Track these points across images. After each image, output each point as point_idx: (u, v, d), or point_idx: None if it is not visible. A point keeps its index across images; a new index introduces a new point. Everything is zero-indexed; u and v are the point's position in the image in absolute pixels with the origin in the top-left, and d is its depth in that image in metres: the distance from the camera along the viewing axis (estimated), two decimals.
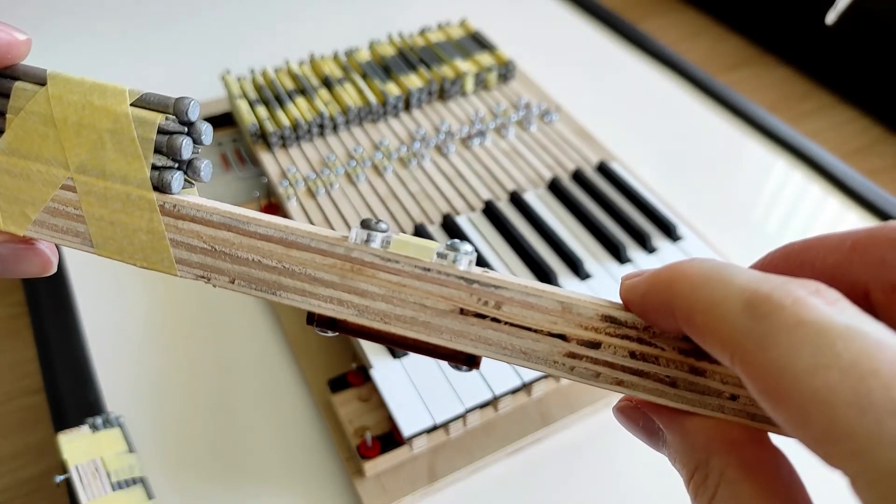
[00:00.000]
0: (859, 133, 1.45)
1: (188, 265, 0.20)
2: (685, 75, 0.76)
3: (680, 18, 1.78)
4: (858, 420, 0.12)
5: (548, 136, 0.59)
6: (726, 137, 0.69)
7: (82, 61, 0.73)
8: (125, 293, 0.53)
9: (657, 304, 0.16)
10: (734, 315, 0.14)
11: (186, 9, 0.84)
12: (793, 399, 0.12)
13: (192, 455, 0.43)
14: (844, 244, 0.16)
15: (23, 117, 0.19)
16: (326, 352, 0.47)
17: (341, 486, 0.42)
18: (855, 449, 0.12)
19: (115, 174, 0.19)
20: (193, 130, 0.20)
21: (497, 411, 0.43)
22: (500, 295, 0.18)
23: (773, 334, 0.13)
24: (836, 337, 0.12)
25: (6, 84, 0.20)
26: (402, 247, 0.19)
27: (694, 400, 0.18)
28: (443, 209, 0.52)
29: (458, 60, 0.62)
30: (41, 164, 0.20)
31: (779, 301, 0.13)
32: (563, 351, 0.18)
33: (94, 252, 0.20)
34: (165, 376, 0.48)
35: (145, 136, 0.19)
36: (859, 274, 0.15)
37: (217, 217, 0.19)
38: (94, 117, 0.19)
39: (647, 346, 0.18)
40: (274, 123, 0.56)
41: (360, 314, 0.19)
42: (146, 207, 0.20)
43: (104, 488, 0.39)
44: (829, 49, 1.53)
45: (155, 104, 0.19)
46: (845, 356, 0.12)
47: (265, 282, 0.19)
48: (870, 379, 0.12)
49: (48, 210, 0.20)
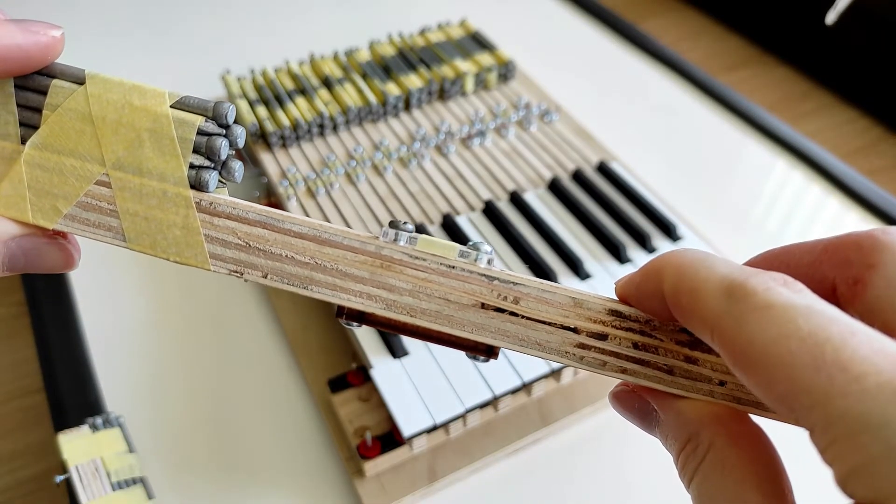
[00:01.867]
0: (859, 133, 1.45)
1: (222, 260, 0.21)
2: (685, 75, 0.76)
3: (680, 18, 1.78)
4: (813, 377, 0.14)
5: (548, 136, 0.59)
6: (726, 137, 0.69)
7: (83, 62, 0.73)
8: (125, 293, 0.53)
9: (650, 291, 0.19)
10: (715, 298, 0.16)
11: (187, 9, 0.84)
12: (761, 365, 0.15)
13: (192, 455, 0.43)
14: (817, 248, 0.18)
15: (60, 114, 0.20)
16: (326, 352, 0.47)
17: (341, 486, 0.42)
18: (811, 402, 0.14)
19: (153, 171, 0.20)
20: (230, 133, 0.21)
21: (497, 411, 0.43)
22: (518, 291, 0.20)
23: (747, 314, 0.15)
24: (798, 315, 0.15)
25: (44, 81, 0.20)
26: (427, 245, 0.20)
27: (688, 385, 0.20)
28: (443, 209, 0.52)
29: (458, 60, 0.62)
30: (76, 160, 0.20)
31: (753, 288, 0.16)
32: (573, 342, 0.20)
33: (125, 246, 0.21)
34: (165, 376, 0.48)
35: (185, 136, 0.20)
36: (828, 271, 0.18)
37: (253, 215, 0.20)
38: (134, 116, 0.20)
39: (649, 337, 0.20)
40: (274, 123, 0.56)
41: (387, 308, 0.20)
42: (182, 204, 0.20)
43: (104, 488, 0.39)
44: (829, 49, 1.52)
45: (194, 107, 0.20)
46: (805, 328, 0.14)
47: (297, 276, 0.21)
48: (824, 344, 0.14)
49: (80, 205, 0.20)
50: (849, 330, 0.14)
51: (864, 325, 0.14)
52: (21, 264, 0.21)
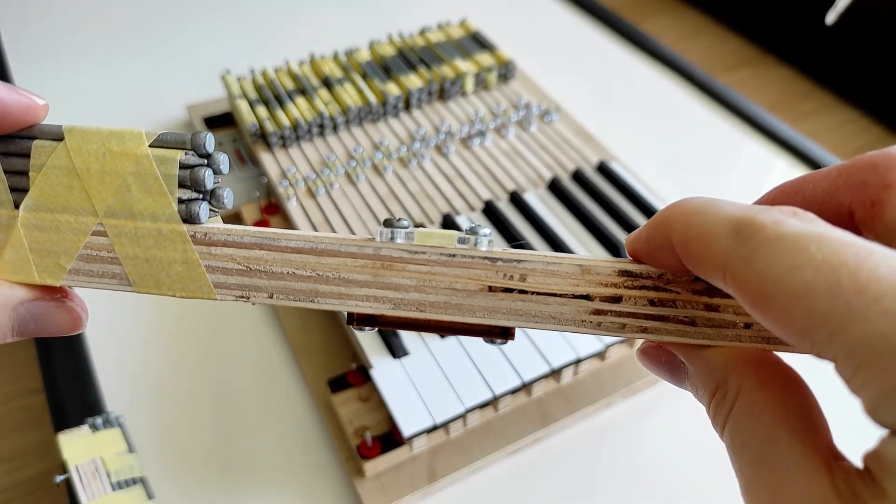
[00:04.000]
0: (859, 133, 1.45)
1: (226, 288, 0.21)
2: (685, 75, 0.76)
3: (680, 18, 1.78)
4: (831, 305, 0.13)
5: (548, 136, 0.59)
6: (726, 137, 0.69)
7: (82, 61, 0.73)
8: (125, 293, 0.52)
9: (659, 243, 0.18)
10: (724, 240, 0.16)
11: (187, 9, 0.84)
12: (777, 300, 0.14)
13: (192, 455, 0.43)
14: (831, 174, 0.17)
15: (45, 173, 0.20)
16: (326, 352, 0.47)
17: (341, 486, 0.42)
18: (831, 330, 0.13)
19: (144, 213, 0.20)
20: (212, 161, 0.21)
21: (497, 411, 0.43)
22: (523, 268, 0.20)
23: (758, 249, 0.15)
24: (810, 242, 0.14)
25: (25, 144, 0.21)
26: (425, 238, 0.20)
27: (713, 334, 0.19)
28: (443, 209, 0.52)
29: (458, 60, 0.62)
30: (69, 215, 0.20)
31: (761, 222, 0.15)
32: (588, 310, 0.20)
33: (132, 290, 0.21)
34: (165, 376, 0.48)
35: (168, 172, 0.20)
36: (843, 197, 0.17)
37: (248, 238, 0.21)
38: (116, 163, 0.20)
39: (664, 292, 0.19)
40: (274, 123, 0.56)
41: (396, 307, 0.20)
42: (178, 240, 0.20)
43: (104, 488, 0.39)
44: (829, 49, 1.52)
45: (172, 142, 0.20)
46: (818, 256, 0.14)
47: (302, 291, 0.21)
48: (839, 270, 0.13)
49: (82, 257, 0.21)
50: (865, 252, 0.13)
51: (880, 245, 0.14)
52: (31, 329, 0.21)
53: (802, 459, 0.15)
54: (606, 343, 0.44)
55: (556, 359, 0.43)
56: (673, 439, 0.44)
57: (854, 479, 0.14)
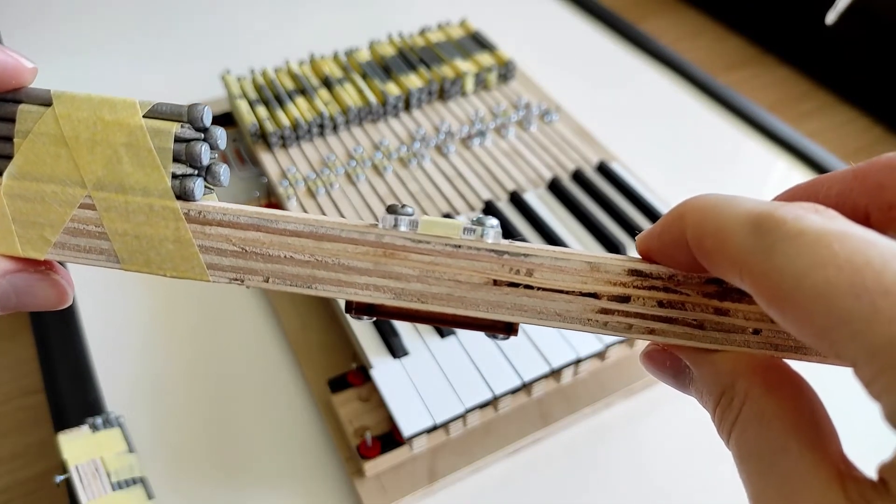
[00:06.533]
0: (859, 133, 1.45)
1: (220, 269, 0.20)
2: (685, 75, 0.76)
3: (680, 18, 1.78)
4: (854, 304, 0.13)
5: (548, 136, 0.59)
6: (726, 137, 0.69)
7: (82, 62, 0.73)
8: (125, 293, 0.53)
9: (673, 238, 0.18)
10: (741, 235, 0.15)
11: (186, 9, 0.84)
12: (796, 298, 0.14)
13: (192, 455, 0.43)
14: (847, 176, 0.17)
15: (31, 140, 0.19)
16: (326, 352, 0.47)
17: (341, 486, 0.42)
18: (853, 331, 0.13)
19: (135, 187, 0.19)
20: (209, 136, 0.20)
21: (497, 411, 0.43)
22: (530, 262, 0.19)
23: (777, 245, 0.14)
24: (833, 239, 0.13)
25: (10, 108, 0.19)
26: (429, 227, 0.19)
27: (721, 338, 0.19)
28: (443, 209, 0.52)
29: (458, 60, 0.62)
30: (56, 185, 0.19)
31: (781, 217, 0.14)
32: (595, 308, 0.19)
33: (121, 268, 0.20)
34: (165, 376, 0.48)
35: (162, 145, 0.19)
36: (859, 199, 0.17)
37: (245, 218, 0.20)
38: (108, 132, 0.19)
39: (674, 293, 0.19)
40: (274, 123, 0.56)
41: (396, 297, 0.20)
42: (171, 217, 0.19)
43: (104, 488, 0.39)
44: (829, 49, 1.52)
45: (168, 114, 0.19)
46: (841, 254, 0.13)
47: (299, 276, 0.20)
48: (864, 269, 0.13)
49: (68, 231, 0.20)
50: (890, 252, 0.13)
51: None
52: (13, 303, 0.20)
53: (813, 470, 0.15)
54: (606, 343, 0.44)
55: (556, 359, 0.43)
56: (672, 440, 0.44)
57: (868, 491, 0.14)
